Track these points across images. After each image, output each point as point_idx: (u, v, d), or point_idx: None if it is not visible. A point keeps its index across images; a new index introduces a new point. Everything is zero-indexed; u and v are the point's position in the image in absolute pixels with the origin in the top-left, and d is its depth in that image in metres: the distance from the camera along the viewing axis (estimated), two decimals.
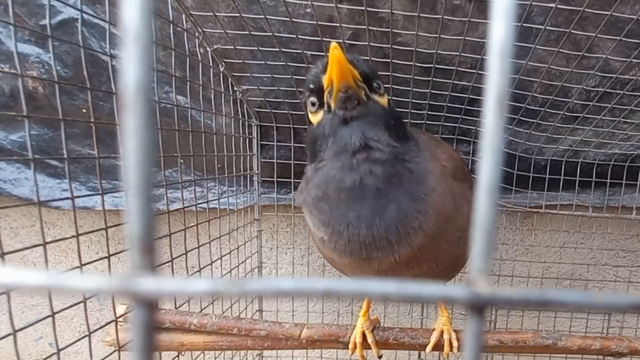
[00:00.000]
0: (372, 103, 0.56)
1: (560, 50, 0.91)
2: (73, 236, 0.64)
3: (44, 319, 0.63)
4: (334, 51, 0.50)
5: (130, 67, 0.14)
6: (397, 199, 0.56)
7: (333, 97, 0.54)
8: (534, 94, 1.04)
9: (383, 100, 0.59)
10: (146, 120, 0.14)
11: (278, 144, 1.21)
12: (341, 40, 0.94)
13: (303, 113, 1.15)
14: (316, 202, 0.59)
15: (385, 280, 0.14)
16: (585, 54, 0.92)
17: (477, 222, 0.15)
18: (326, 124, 0.57)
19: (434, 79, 1.04)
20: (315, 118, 0.59)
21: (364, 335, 0.80)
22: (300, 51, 0.96)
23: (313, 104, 0.58)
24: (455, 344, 0.80)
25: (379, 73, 0.63)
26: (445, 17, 0.88)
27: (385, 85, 0.64)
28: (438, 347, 0.80)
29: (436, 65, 1.00)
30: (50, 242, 0.60)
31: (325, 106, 0.57)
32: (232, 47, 0.96)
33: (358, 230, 0.56)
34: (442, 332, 0.80)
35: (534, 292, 0.14)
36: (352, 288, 0.15)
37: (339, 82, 0.53)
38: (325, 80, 0.55)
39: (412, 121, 1.16)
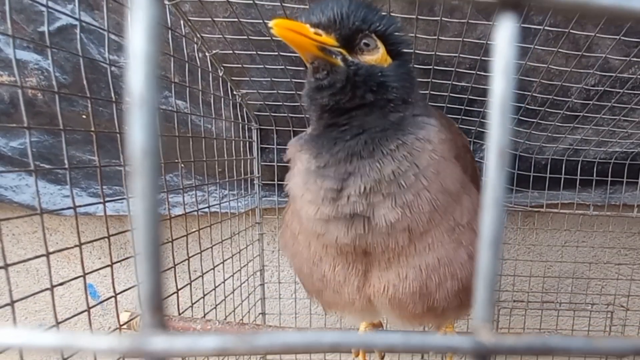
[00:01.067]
0: (348, 67, 0.54)
1: (560, 49, 0.91)
2: (76, 245, 0.64)
3: (49, 329, 0.63)
4: (276, 25, 0.49)
5: (137, 131, 0.15)
6: (384, 135, 0.56)
7: (308, 65, 0.55)
8: (534, 94, 1.04)
9: (371, 58, 0.56)
10: (153, 183, 0.15)
11: (278, 147, 1.21)
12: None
13: (302, 116, 1.16)
14: (314, 143, 0.59)
15: (389, 333, 0.14)
16: (584, 53, 0.92)
17: (480, 271, 0.15)
18: (307, 87, 0.57)
19: (433, 80, 1.04)
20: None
21: None
22: (298, 54, 0.96)
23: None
24: None
25: (382, 15, 0.58)
26: (443, 18, 0.88)
27: None
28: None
29: (435, 67, 1.00)
30: (53, 252, 0.60)
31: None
32: (231, 51, 0.96)
33: (341, 166, 0.56)
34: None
35: (536, 341, 0.14)
36: (358, 341, 0.15)
37: (301, 55, 0.52)
38: None
39: None
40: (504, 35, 0.14)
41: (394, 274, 0.61)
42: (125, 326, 0.74)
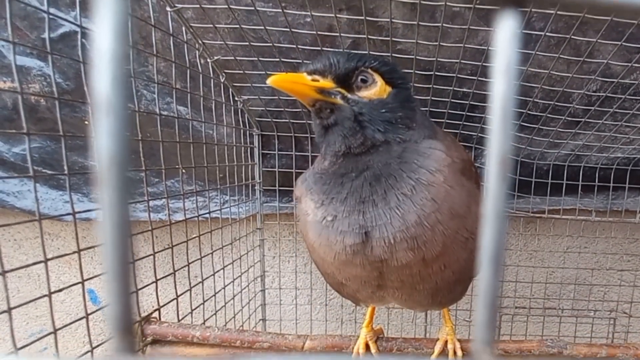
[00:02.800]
0: (350, 105, 0.58)
1: (561, 55, 0.91)
2: (74, 252, 0.64)
3: (46, 335, 0.63)
4: (274, 81, 0.53)
5: (103, 138, 0.13)
6: (394, 174, 0.57)
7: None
8: (535, 100, 1.04)
9: (370, 92, 0.59)
10: (121, 194, 0.13)
11: (279, 152, 1.21)
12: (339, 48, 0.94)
13: (304, 122, 1.16)
14: (320, 179, 0.61)
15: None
16: (586, 59, 0.92)
17: (481, 291, 0.14)
18: (316, 129, 0.61)
19: (434, 86, 1.04)
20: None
21: (367, 346, 0.79)
22: (300, 61, 0.96)
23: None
24: (459, 353, 0.79)
25: (375, 55, 0.64)
26: (444, 24, 0.88)
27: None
28: (442, 357, 0.79)
29: (436, 73, 1.00)
30: (51, 258, 0.60)
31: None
32: (233, 57, 0.96)
33: (353, 198, 0.57)
34: (446, 341, 0.80)
35: None
36: None
37: (302, 101, 0.55)
38: None
39: None
40: (506, 34, 0.13)
41: (408, 290, 0.64)
42: None
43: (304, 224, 0.64)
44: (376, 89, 0.59)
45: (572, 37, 0.87)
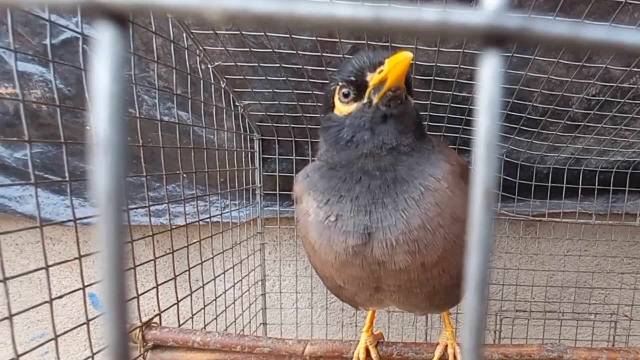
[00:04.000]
0: (408, 103, 0.60)
1: (560, 60, 0.91)
2: (75, 258, 0.65)
3: (47, 342, 0.63)
4: (405, 57, 0.52)
5: (101, 175, 0.14)
6: (409, 180, 0.58)
7: (380, 94, 0.56)
8: (535, 104, 1.04)
9: (412, 101, 0.62)
10: (117, 229, 0.14)
11: (280, 157, 1.22)
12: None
13: (304, 126, 1.17)
14: (328, 174, 0.61)
15: None
16: (585, 64, 0.93)
17: (467, 318, 0.15)
18: (364, 117, 0.58)
19: (434, 90, 1.04)
20: (345, 108, 0.60)
21: (367, 351, 0.79)
22: (300, 66, 0.97)
23: (345, 95, 0.60)
24: (459, 357, 0.79)
25: None
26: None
27: None
28: None
29: (436, 77, 1.01)
30: (52, 265, 0.60)
31: (366, 100, 0.58)
32: (233, 63, 0.97)
33: (365, 198, 0.57)
34: (446, 346, 0.80)
35: None
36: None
37: (393, 83, 0.54)
38: (373, 78, 0.56)
39: None
40: (488, 71, 0.14)
41: (405, 294, 0.64)
42: None
43: (304, 224, 0.64)
44: (412, 99, 0.62)
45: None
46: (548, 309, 1.39)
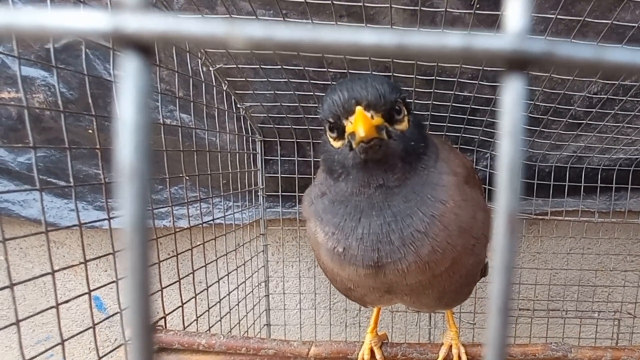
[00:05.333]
0: (392, 140, 0.55)
1: None
2: (81, 263, 0.65)
3: (54, 346, 0.63)
4: (358, 114, 0.51)
5: (127, 204, 0.14)
6: (411, 212, 0.57)
7: (355, 143, 0.53)
8: (537, 102, 1.04)
9: (403, 125, 0.57)
10: (143, 259, 0.14)
11: (282, 158, 1.22)
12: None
13: (306, 127, 1.17)
14: (330, 208, 0.60)
15: None
16: None
17: (489, 340, 0.15)
18: (347, 157, 0.56)
19: (435, 90, 1.04)
20: (334, 142, 0.59)
21: (372, 352, 0.80)
22: (302, 67, 0.97)
23: (331, 129, 0.58)
24: (464, 358, 0.80)
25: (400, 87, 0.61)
26: (445, 29, 0.89)
27: None
28: None
29: (437, 77, 1.01)
30: (58, 270, 0.60)
31: (346, 141, 0.56)
32: (235, 65, 0.97)
33: (369, 239, 0.57)
34: (450, 346, 0.80)
35: None
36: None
37: (360, 139, 0.52)
38: (347, 126, 0.54)
39: None
40: (511, 96, 0.14)
41: (416, 295, 0.66)
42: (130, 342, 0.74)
43: (314, 242, 0.64)
44: (405, 121, 0.58)
45: (573, 40, 0.87)
46: (551, 307, 1.39)
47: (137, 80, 0.14)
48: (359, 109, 0.51)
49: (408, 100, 0.61)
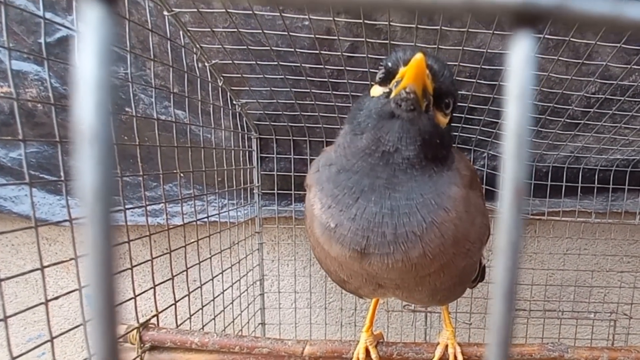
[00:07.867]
0: (427, 116, 0.54)
1: (560, 57, 0.91)
2: (72, 259, 0.64)
3: (43, 343, 0.62)
4: (418, 58, 0.49)
5: (87, 171, 0.12)
6: (410, 212, 0.55)
7: (397, 89, 0.52)
8: (534, 102, 1.04)
9: (443, 120, 0.57)
10: (106, 229, 0.12)
11: (278, 156, 1.21)
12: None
13: (302, 125, 1.16)
14: (335, 177, 0.58)
15: None
16: (584, 61, 0.92)
17: (493, 329, 0.13)
18: (378, 104, 0.55)
19: None
20: (375, 90, 0.57)
21: (367, 351, 0.79)
22: (298, 64, 0.96)
23: (380, 78, 0.57)
24: (460, 357, 0.79)
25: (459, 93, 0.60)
26: (443, 27, 0.88)
27: None
28: None
29: None
30: (48, 266, 0.59)
31: (387, 88, 0.55)
32: (230, 61, 0.96)
33: (360, 223, 0.55)
34: (446, 346, 0.79)
35: None
36: None
37: (406, 83, 0.51)
38: (399, 72, 0.53)
39: None
40: (520, 56, 0.13)
41: (407, 292, 0.65)
42: (121, 339, 0.73)
43: (310, 214, 0.63)
44: (446, 119, 0.57)
45: (571, 39, 0.87)
46: (547, 307, 1.39)
47: (98, 30, 0.12)
48: (420, 56, 0.49)
49: (458, 105, 0.60)
